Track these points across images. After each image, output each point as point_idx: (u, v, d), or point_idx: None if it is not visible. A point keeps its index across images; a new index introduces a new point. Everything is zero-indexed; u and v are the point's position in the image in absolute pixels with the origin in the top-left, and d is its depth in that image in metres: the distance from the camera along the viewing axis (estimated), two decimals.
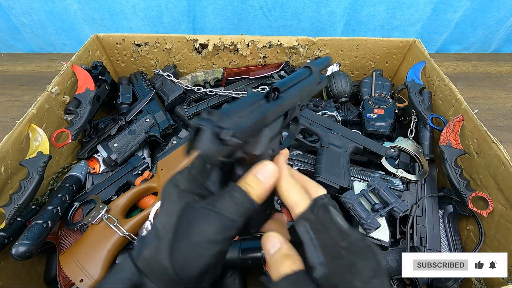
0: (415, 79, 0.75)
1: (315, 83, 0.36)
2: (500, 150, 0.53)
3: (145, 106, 0.77)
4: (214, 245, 0.24)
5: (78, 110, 0.67)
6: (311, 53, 0.86)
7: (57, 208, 0.55)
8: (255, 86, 0.85)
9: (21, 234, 0.49)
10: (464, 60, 1.22)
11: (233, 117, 0.25)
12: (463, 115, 0.62)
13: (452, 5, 1.08)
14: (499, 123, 0.97)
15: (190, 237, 0.23)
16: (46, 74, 1.15)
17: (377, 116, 0.74)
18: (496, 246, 0.54)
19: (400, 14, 1.10)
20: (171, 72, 0.84)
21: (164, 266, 0.23)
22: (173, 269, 0.23)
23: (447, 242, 0.60)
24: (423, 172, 0.64)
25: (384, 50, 0.85)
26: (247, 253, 0.52)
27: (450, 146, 0.61)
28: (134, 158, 0.70)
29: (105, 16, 1.12)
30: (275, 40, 0.82)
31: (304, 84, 0.34)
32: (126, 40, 0.83)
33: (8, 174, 0.55)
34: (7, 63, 1.21)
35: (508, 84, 1.11)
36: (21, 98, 1.05)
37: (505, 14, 1.09)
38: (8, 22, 1.16)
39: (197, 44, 0.83)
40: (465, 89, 1.08)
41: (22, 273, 0.57)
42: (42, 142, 0.58)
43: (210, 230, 0.23)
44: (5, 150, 0.54)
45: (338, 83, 0.80)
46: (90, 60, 0.78)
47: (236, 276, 0.56)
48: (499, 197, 0.54)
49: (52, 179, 0.64)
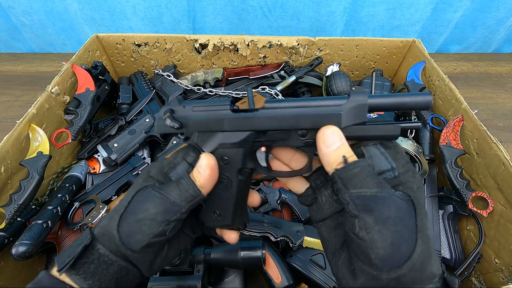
0: (415, 79, 0.75)
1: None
2: (500, 150, 0.53)
3: (145, 106, 0.77)
4: (155, 224, 0.27)
5: (78, 110, 0.67)
6: (311, 53, 0.86)
7: (57, 208, 0.55)
8: (255, 86, 0.85)
9: (21, 234, 0.49)
10: (464, 60, 1.22)
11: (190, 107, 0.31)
12: (463, 115, 0.62)
13: (452, 5, 1.07)
14: (499, 123, 0.97)
15: (136, 214, 0.28)
16: (46, 74, 1.15)
17: (377, 116, 0.74)
18: (496, 246, 0.54)
19: (400, 14, 1.10)
20: (171, 72, 0.84)
21: (113, 234, 0.28)
22: (119, 238, 0.27)
23: (447, 242, 0.60)
24: (423, 172, 0.64)
25: (384, 50, 0.85)
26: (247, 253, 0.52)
27: (450, 146, 0.61)
28: (134, 158, 0.70)
29: (105, 16, 1.12)
30: (275, 40, 0.82)
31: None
32: (126, 40, 0.83)
33: (8, 174, 0.55)
34: (7, 63, 1.21)
35: (508, 84, 1.11)
36: (21, 98, 1.05)
37: (505, 14, 1.09)
38: (8, 22, 1.16)
39: (197, 44, 0.83)
40: (465, 89, 1.08)
41: (22, 273, 0.57)
42: (42, 142, 0.58)
43: (153, 210, 0.28)
44: (5, 150, 0.54)
45: (338, 83, 0.80)
46: (90, 60, 0.78)
47: (236, 276, 0.56)
48: (499, 197, 0.54)
49: (52, 179, 0.64)
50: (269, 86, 0.83)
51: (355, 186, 0.25)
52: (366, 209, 0.25)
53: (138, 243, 0.27)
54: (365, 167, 0.26)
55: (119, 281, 0.28)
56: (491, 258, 0.55)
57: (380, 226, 0.24)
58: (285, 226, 0.57)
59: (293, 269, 0.57)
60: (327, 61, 0.88)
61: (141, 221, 0.28)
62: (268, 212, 0.63)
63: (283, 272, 0.55)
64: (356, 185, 0.25)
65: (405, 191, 0.25)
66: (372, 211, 0.24)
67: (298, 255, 0.58)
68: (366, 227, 0.24)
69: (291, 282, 0.54)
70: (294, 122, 0.29)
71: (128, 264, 0.28)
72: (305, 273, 0.56)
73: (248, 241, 0.54)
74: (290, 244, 0.56)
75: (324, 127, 0.28)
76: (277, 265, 0.55)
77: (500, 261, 0.53)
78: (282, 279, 0.54)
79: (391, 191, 0.25)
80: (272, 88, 0.82)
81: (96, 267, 0.27)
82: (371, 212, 0.24)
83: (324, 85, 0.85)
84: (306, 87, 0.88)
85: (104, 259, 0.27)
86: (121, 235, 0.27)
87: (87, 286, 0.27)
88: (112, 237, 0.28)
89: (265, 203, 0.64)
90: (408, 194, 0.25)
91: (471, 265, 0.56)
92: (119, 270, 0.28)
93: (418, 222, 0.24)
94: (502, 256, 0.53)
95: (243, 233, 0.58)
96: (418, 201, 0.25)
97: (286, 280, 0.54)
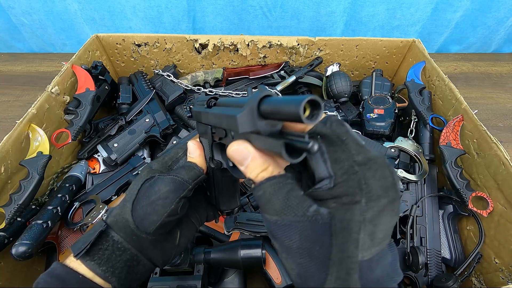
0: (415, 79, 0.75)
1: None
2: (500, 150, 0.53)
3: (145, 106, 0.77)
4: (168, 202, 0.29)
5: (78, 110, 0.67)
6: (311, 53, 0.86)
7: (57, 208, 0.55)
8: (255, 86, 0.85)
9: (21, 234, 0.49)
10: (464, 60, 1.22)
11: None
12: (463, 115, 0.62)
13: (452, 5, 1.07)
14: (499, 123, 0.97)
15: (149, 196, 0.30)
16: (46, 74, 1.15)
17: (377, 116, 0.74)
18: (496, 246, 0.54)
19: (400, 14, 1.09)
20: (171, 72, 0.84)
21: (127, 220, 0.29)
22: (133, 222, 0.29)
23: (447, 242, 0.60)
24: (423, 172, 0.64)
25: (384, 50, 0.85)
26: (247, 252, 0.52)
27: (450, 146, 0.61)
28: (134, 158, 0.70)
29: (105, 16, 1.12)
30: (275, 40, 0.82)
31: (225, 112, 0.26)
32: (126, 40, 0.83)
33: (8, 174, 0.55)
34: (7, 63, 1.21)
35: (508, 84, 1.11)
36: (21, 98, 1.05)
37: (505, 14, 1.09)
38: (8, 22, 1.16)
39: (197, 44, 0.83)
40: (465, 89, 1.08)
41: (22, 273, 0.57)
42: (42, 142, 0.58)
43: (164, 189, 0.30)
44: (5, 150, 0.54)
45: (338, 83, 0.80)
46: (90, 60, 0.78)
47: (236, 276, 0.56)
48: (499, 197, 0.54)
49: (52, 179, 0.64)
50: (269, 86, 0.83)
51: (262, 209, 0.23)
52: (271, 235, 0.23)
53: (152, 224, 0.29)
54: (270, 188, 0.22)
55: (131, 270, 0.30)
56: (491, 258, 0.55)
57: (286, 254, 0.22)
58: None
59: None
60: (327, 61, 0.88)
61: (154, 202, 0.30)
62: None
63: (283, 272, 0.55)
64: (262, 208, 0.23)
65: (332, 211, 0.20)
66: (276, 238, 0.22)
67: None
68: (278, 251, 0.23)
69: (291, 282, 0.54)
70: (218, 121, 0.28)
71: (139, 254, 0.30)
72: None
73: (248, 241, 0.54)
74: None
75: (230, 145, 0.24)
76: (277, 265, 0.55)
77: (500, 261, 0.53)
78: (282, 279, 0.54)
79: (298, 216, 0.20)
80: (272, 88, 0.82)
81: (110, 254, 0.29)
82: (275, 239, 0.22)
83: (324, 85, 0.85)
84: (306, 87, 0.88)
85: (117, 246, 0.29)
86: (136, 219, 0.29)
87: (101, 272, 0.28)
88: (127, 222, 0.29)
89: None
90: (333, 215, 0.20)
91: (471, 265, 0.56)
92: (131, 258, 0.29)
93: (333, 252, 0.20)
94: (502, 256, 0.53)
95: (243, 233, 0.58)
96: (347, 223, 0.19)
97: (286, 280, 0.54)
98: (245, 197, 0.65)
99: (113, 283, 0.28)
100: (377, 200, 0.20)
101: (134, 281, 0.30)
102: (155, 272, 0.52)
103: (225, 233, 0.59)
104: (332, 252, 0.20)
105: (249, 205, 0.63)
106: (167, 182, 0.30)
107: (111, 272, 0.28)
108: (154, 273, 0.52)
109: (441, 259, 0.58)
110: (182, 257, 0.50)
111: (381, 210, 0.20)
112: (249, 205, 0.63)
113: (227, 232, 0.58)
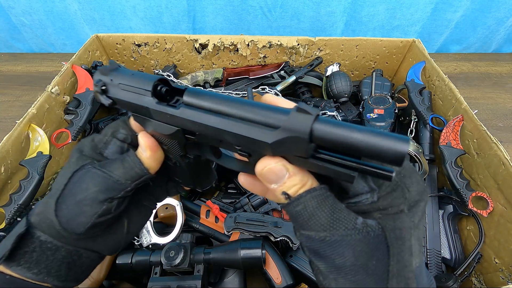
0: (415, 79, 0.75)
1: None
2: (500, 150, 0.53)
3: None
4: (97, 203, 0.25)
5: (78, 110, 0.67)
6: (311, 53, 0.86)
7: None
8: (255, 86, 0.85)
9: None
10: (464, 60, 1.22)
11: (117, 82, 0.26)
12: (463, 115, 0.62)
13: (452, 5, 1.07)
14: (499, 123, 0.97)
15: (76, 195, 0.25)
16: (46, 74, 1.15)
17: (377, 116, 0.74)
18: (496, 246, 0.54)
19: (400, 14, 1.10)
20: (171, 72, 0.84)
21: (51, 220, 0.25)
22: (59, 223, 0.25)
23: (447, 242, 0.60)
24: (423, 172, 0.64)
25: (384, 50, 0.85)
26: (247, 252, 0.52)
27: (450, 146, 0.61)
28: None
29: (105, 16, 1.12)
30: (275, 40, 0.82)
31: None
32: (126, 40, 0.83)
33: (8, 174, 0.55)
34: (7, 63, 1.21)
35: (508, 84, 1.11)
36: (21, 98, 1.05)
37: (505, 14, 1.09)
38: (8, 22, 1.16)
39: (197, 44, 0.83)
40: (465, 89, 1.08)
41: None
42: (42, 142, 0.58)
43: (94, 189, 0.25)
44: (5, 150, 0.54)
45: (338, 83, 0.80)
46: (90, 60, 0.78)
47: (236, 276, 0.56)
48: (499, 197, 0.54)
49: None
50: (269, 86, 0.83)
51: (302, 226, 0.20)
52: (316, 254, 0.20)
53: (81, 226, 0.25)
54: (312, 201, 0.20)
55: (72, 265, 0.27)
56: (491, 258, 0.55)
57: (335, 275, 0.20)
58: (285, 226, 0.57)
59: (293, 269, 0.56)
60: (327, 61, 0.88)
61: (81, 201, 0.25)
62: (268, 212, 0.63)
63: (283, 272, 0.55)
64: (302, 225, 0.20)
65: (382, 222, 0.19)
66: (322, 257, 0.20)
67: (298, 255, 0.58)
68: (321, 274, 0.20)
69: (291, 282, 0.54)
70: (217, 134, 0.23)
71: (77, 248, 0.27)
72: (305, 273, 0.56)
73: (248, 241, 0.54)
74: (290, 244, 0.56)
75: (261, 163, 0.21)
76: (277, 265, 0.55)
77: (500, 261, 0.53)
78: (282, 279, 0.54)
79: (349, 229, 0.19)
80: (272, 88, 0.82)
81: (39, 255, 0.25)
82: (322, 259, 0.20)
83: (324, 85, 0.85)
84: (306, 87, 0.88)
85: (47, 246, 0.26)
86: (61, 220, 0.25)
87: (32, 275, 0.25)
88: (51, 223, 0.25)
89: (265, 203, 0.64)
90: (383, 225, 0.19)
91: (471, 265, 0.56)
92: (67, 254, 0.26)
93: (391, 264, 0.19)
94: (502, 256, 0.53)
95: (243, 233, 0.58)
96: (400, 232, 0.19)
97: (286, 280, 0.54)
98: (245, 197, 0.65)
99: (51, 282, 0.26)
100: (417, 205, 0.20)
101: (80, 273, 0.28)
102: (155, 272, 0.52)
103: (225, 233, 0.59)
104: (391, 264, 0.19)
105: (249, 205, 0.63)
106: (97, 181, 0.25)
107: (46, 273, 0.25)
108: (154, 273, 0.52)
109: (441, 259, 0.58)
110: (182, 257, 0.50)
111: (422, 214, 0.21)
112: (249, 205, 0.63)
113: (227, 232, 0.58)
